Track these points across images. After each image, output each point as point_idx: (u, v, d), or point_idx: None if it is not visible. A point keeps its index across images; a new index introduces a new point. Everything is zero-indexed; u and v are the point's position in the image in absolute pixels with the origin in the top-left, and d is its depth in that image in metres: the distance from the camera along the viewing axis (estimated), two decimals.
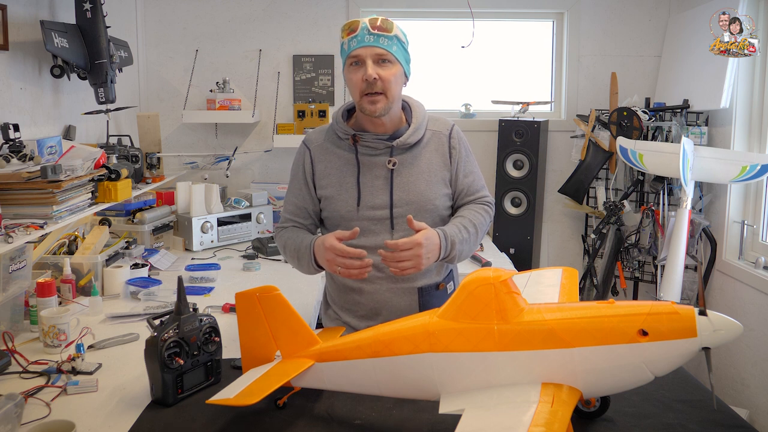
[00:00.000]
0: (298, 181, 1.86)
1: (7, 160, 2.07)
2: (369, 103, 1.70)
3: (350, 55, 1.69)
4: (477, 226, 1.78)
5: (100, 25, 2.61)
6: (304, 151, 1.86)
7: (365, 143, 1.77)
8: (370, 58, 1.67)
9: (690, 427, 1.31)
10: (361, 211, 1.77)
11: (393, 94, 1.71)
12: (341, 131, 1.80)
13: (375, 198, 1.77)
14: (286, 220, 1.90)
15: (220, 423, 1.36)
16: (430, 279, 1.83)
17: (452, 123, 1.86)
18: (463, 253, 1.76)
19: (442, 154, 1.81)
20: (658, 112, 3.28)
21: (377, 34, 1.66)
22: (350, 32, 1.69)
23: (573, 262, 3.83)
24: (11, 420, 1.30)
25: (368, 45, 1.67)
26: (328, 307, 1.95)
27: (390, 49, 1.68)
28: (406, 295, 1.81)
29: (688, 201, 2.85)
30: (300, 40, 3.71)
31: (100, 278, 2.33)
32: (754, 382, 2.84)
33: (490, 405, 1.15)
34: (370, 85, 1.68)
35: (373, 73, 1.66)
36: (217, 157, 3.47)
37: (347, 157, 1.79)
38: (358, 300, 1.83)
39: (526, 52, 3.84)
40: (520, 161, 3.50)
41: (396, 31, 1.70)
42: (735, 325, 1.11)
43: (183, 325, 1.47)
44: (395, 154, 1.77)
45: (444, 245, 1.68)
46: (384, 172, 1.77)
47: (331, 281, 1.92)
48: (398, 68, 1.71)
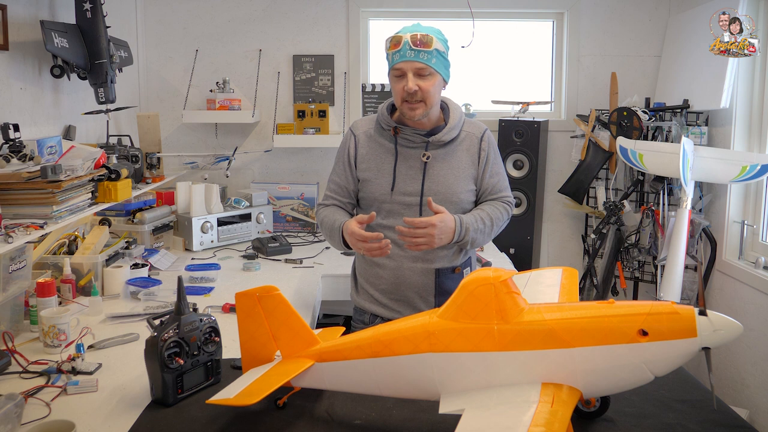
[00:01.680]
0: (343, 163, 2.05)
1: (7, 160, 2.07)
2: (409, 110, 1.90)
3: (393, 67, 1.88)
4: (494, 220, 1.96)
5: (100, 25, 2.61)
6: (349, 137, 2.06)
7: (405, 136, 1.96)
8: (411, 72, 1.85)
9: (690, 427, 1.31)
10: (394, 196, 1.96)
11: (431, 101, 1.90)
12: (385, 123, 1.99)
13: (407, 185, 1.95)
14: (327, 197, 2.09)
15: (220, 423, 1.36)
16: (448, 262, 1.99)
17: (485, 128, 2.05)
18: (477, 241, 1.94)
19: (472, 154, 2.00)
20: (658, 112, 3.28)
21: (417, 49, 1.84)
22: (394, 45, 1.87)
23: (573, 262, 3.82)
24: (11, 420, 1.31)
25: (409, 60, 1.84)
26: (356, 281, 2.12)
27: (429, 63, 1.85)
28: (424, 275, 1.97)
29: (688, 201, 2.85)
30: (300, 40, 3.70)
31: (100, 278, 2.33)
32: (754, 382, 2.84)
33: (490, 405, 1.15)
34: (410, 95, 1.86)
35: (413, 86, 1.85)
36: (217, 157, 3.47)
37: (387, 146, 1.99)
38: (381, 274, 2.01)
39: (526, 52, 3.84)
40: (520, 161, 3.50)
41: (435, 44, 1.86)
42: (735, 325, 1.11)
43: (183, 325, 1.47)
44: (430, 149, 1.96)
45: (458, 230, 1.86)
46: (418, 163, 1.96)
47: (359, 255, 2.09)
48: (437, 78, 1.89)
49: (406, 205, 1.96)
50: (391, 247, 1.88)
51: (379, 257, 1.91)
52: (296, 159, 3.79)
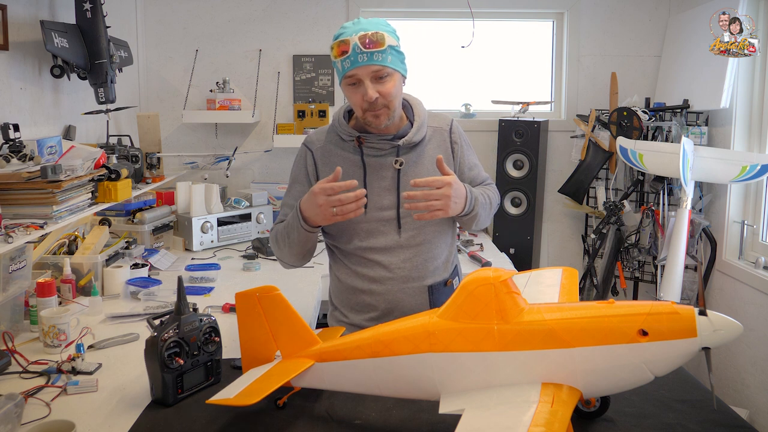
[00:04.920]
0: (301, 183, 1.82)
1: (7, 160, 2.07)
2: (373, 118, 1.68)
3: (346, 75, 1.65)
4: (491, 198, 1.83)
5: (100, 25, 2.61)
6: (305, 153, 1.82)
7: (371, 144, 1.75)
8: (367, 78, 1.63)
9: (690, 427, 1.31)
10: (368, 213, 1.74)
11: (395, 104, 1.70)
12: (345, 133, 1.77)
13: (382, 199, 1.75)
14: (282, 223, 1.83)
15: (220, 423, 1.36)
16: (438, 276, 1.82)
17: (451, 118, 1.87)
18: (480, 217, 1.76)
19: (445, 149, 1.81)
20: (658, 112, 3.28)
21: (369, 51, 1.60)
22: (341, 52, 1.62)
23: (573, 262, 3.82)
24: (11, 420, 1.31)
25: (363, 65, 1.61)
26: (334, 309, 1.91)
27: (385, 63, 1.63)
28: (417, 295, 1.79)
29: (688, 201, 2.85)
30: (300, 40, 3.70)
31: (100, 278, 2.33)
32: (754, 382, 2.84)
33: (490, 405, 1.15)
34: (371, 105, 1.65)
35: (373, 94, 1.63)
36: (217, 157, 3.47)
37: (352, 159, 1.76)
38: (369, 301, 1.79)
39: (526, 52, 3.84)
40: (520, 161, 3.50)
41: (387, 40, 1.63)
42: (735, 325, 1.11)
43: (183, 325, 1.47)
44: (401, 154, 1.76)
45: (469, 197, 1.68)
46: (391, 172, 1.75)
47: (337, 283, 1.87)
48: (396, 77, 1.67)
49: (383, 221, 1.75)
50: (377, 271, 1.74)
51: (362, 274, 1.73)
52: None
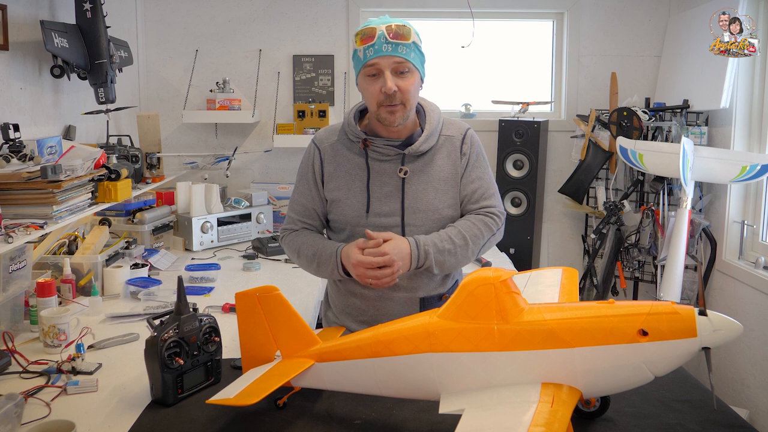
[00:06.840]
0: (307, 181, 1.79)
1: (7, 160, 2.07)
2: (388, 113, 1.64)
3: (367, 64, 1.61)
4: (468, 238, 1.69)
5: (100, 25, 2.61)
6: (313, 151, 1.79)
7: (376, 148, 1.71)
8: (388, 69, 1.59)
9: (690, 427, 1.31)
10: (370, 218, 1.71)
11: (411, 103, 1.66)
12: (352, 134, 1.73)
13: (384, 205, 1.71)
14: (293, 221, 1.82)
15: (220, 423, 1.36)
16: (433, 289, 1.77)
17: (467, 127, 1.79)
18: (447, 264, 1.68)
19: (454, 159, 1.74)
20: (658, 112, 3.28)
21: (395, 42, 1.58)
22: (365, 39, 1.59)
23: (573, 262, 3.82)
24: (11, 420, 1.30)
25: (386, 54, 1.58)
26: (328, 309, 1.91)
27: (408, 57, 1.60)
28: (407, 305, 1.75)
29: (688, 201, 2.85)
30: (300, 40, 3.70)
31: (100, 278, 2.33)
32: (754, 382, 2.84)
33: (490, 405, 1.15)
34: (389, 98, 1.61)
35: (393, 86, 1.59)
36: (217, 157, 3.47)
37: (357, 161, 1.73)
38: (359, 306, 1.78)
39: (526, 52, 3.84)
40: (520, 161, 3.50)
41: (413, 36, 1.61)
42: (735, 325, 1.11)
43: (183, 325, 1.47)
44: (407, 162, 1.71)
45: (415, 253, 1.64)
46: (394, 180, 1.71)
47: (333, 284, 1.87)
48: (416, 76, 1.65)
49: (385, 227, 1.70)
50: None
51: (363, 286, 1.69)
52: (296, 159, 3.78)
